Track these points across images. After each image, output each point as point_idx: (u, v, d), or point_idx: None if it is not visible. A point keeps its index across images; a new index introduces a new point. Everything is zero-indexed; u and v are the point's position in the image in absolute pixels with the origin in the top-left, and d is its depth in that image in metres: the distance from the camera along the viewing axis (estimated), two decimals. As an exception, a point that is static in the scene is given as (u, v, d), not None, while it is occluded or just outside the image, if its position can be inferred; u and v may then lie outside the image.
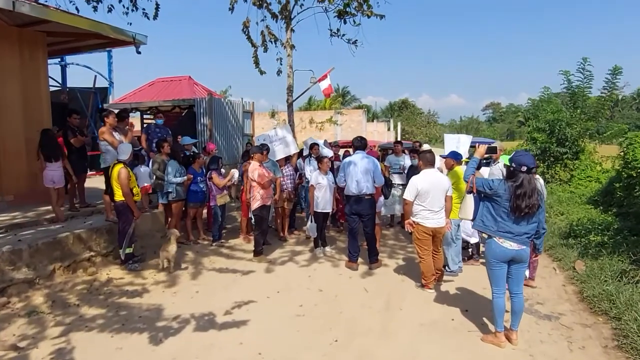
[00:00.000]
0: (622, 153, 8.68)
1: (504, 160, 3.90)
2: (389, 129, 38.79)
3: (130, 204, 6.02)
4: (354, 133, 26.05)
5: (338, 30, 12.36)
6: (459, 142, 8.20)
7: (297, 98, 13.18)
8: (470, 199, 3.99)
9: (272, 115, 30.51)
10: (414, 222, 5.32)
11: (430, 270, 5.37)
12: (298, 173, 8.56)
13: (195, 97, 13.04)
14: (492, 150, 4.28)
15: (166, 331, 4.35)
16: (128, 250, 6.16)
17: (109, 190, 6.18)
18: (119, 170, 5.96)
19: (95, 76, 14.93)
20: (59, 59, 14.16)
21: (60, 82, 14.40)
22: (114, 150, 6.52)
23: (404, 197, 5.33)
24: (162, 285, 5.73)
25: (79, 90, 14.44)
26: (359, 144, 6.43)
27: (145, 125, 8.66)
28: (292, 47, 11.28)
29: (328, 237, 8.26)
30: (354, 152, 6.51)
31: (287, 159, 8.36)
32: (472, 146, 9.59)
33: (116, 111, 7.47)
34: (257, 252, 6.89)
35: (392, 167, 9.26)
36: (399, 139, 35.72)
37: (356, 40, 12.56)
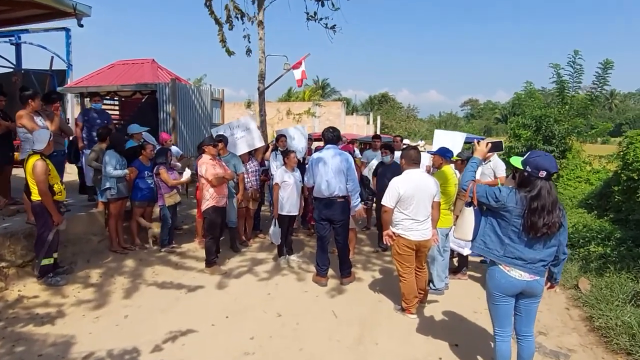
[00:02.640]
0: (621, 153, 7.94)
1: (514, 162, 2.97)
2: (368, 123, 38.00)
3: (48, 206, 4.88)
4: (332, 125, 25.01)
5: (315, 13, 11.39)
6: (453, 141, 7.37)
7: (269, 86, 12.15)
8: (469, 214, 3.05)
9: (248, 105, 29.31)
10: (393, 233, 4.37)
11: (412, 292, 4.43)
12: (262, 169, 7.53)
13: (159, 82, 11.82)
14: (497, 147, 3.35)
15: (67, 379, 3.30)
16: (46, 262, 5.01)
17: (26, 187, 5.05)
18: (34, 163, 4.81)
19: (52, 57, 13.51)
20: (12, 37, 12.72)
21: (15, 63, 12.96)
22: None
23: (382, 202, 4.38)
24: (85, 307, 4.64)
25: (33, 72, 13.03)
26: (331, 136, 5.39)
27: (81, 111, 7.44)
28: (261, 23, 10.17)
29: (296, 241, 7.29)
30: (324, 145, 5.49)
31: (252, 153, 7.32)
32: (468, 142, 8.70)
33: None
34: (210, 262, 5.85)
35: (369, 162, 8.31)
36: (378, 132, 35.00)
37: (334, 25, 11.65)
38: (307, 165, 5.65)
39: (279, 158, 7.10)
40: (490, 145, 3.26)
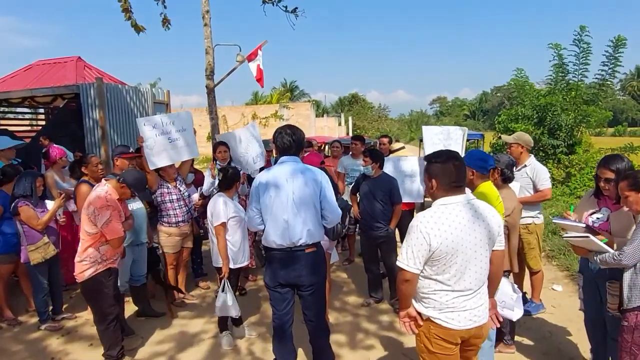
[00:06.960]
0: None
1: None
2: (340, 124, 36.11)
3: None
4: (302, 129, 22.86)
5: (273, -6, 9.28)
6: (449, 139, 5.46)
7: (219, 82, 9.95)
8: None
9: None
10: (419, 314, 2.24)
11: None
12: (200, 191, 5.28)
13: (84, 82, 9.39)
14: None
15: None
16: None
17: None
18: None
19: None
20: None
21: None
22: None
23: (399, 264, 2.20)
24: None
25: (-60, 78, 10.53)
26: (287, 142, 3.06)
27: None
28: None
29: (253, 292, 5.14)
30: (278, 157, 3.20)
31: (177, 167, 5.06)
32: (469, 140, 6.78)
33: None
34: (111, 356, 3.54)
35: (348, 174, 6.16)
36: (350, 134, 33.01)
37: (296, 8, 9.58)
38: (250, 191, 3.39)
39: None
40: None
